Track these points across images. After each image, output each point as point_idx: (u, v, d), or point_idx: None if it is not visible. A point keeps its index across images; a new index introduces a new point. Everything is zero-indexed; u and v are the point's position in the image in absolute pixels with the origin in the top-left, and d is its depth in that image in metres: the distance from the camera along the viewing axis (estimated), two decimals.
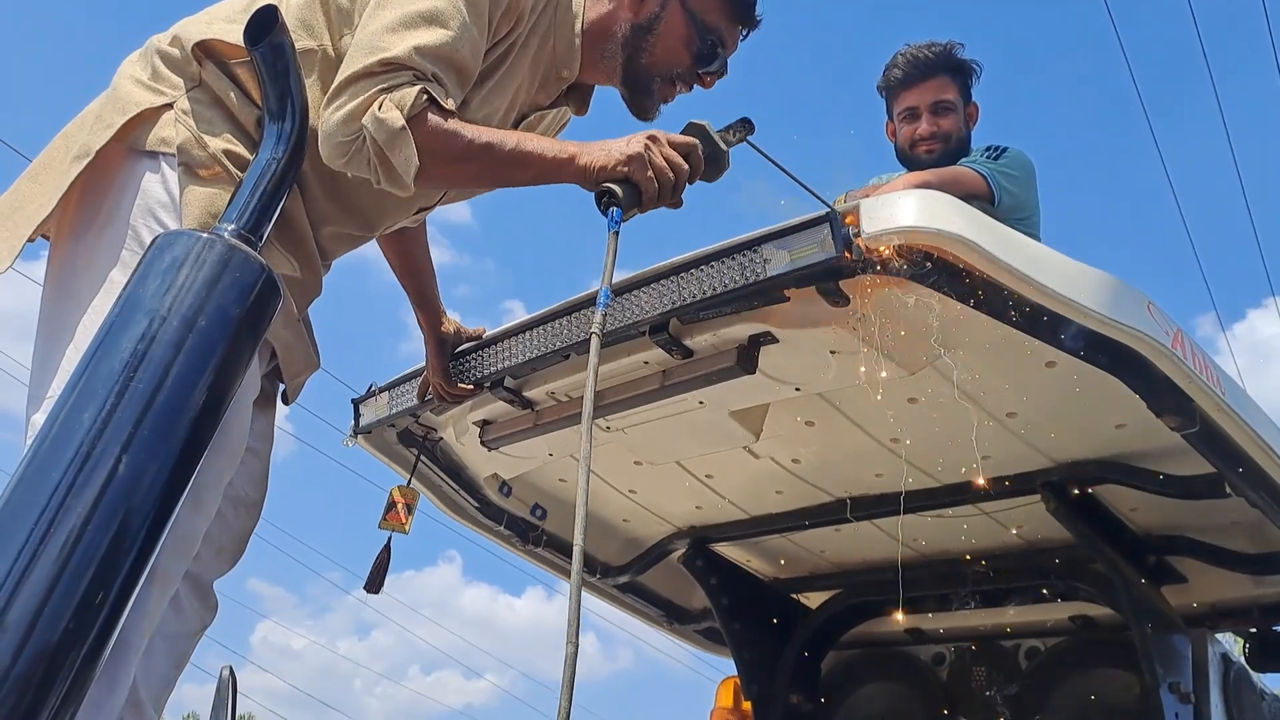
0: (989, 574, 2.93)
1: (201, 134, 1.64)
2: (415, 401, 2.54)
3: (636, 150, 1.67)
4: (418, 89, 1.60)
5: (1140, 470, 2.38)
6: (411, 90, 1.59)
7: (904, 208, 1.73)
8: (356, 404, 2.74)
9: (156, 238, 1.48)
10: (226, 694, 1.87)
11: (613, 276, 1.60)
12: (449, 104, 1.65)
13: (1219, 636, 2.86)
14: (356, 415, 2.74)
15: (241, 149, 1.65)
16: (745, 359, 2.04)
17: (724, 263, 1.88)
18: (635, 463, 2.68)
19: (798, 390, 2.18)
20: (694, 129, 1.77)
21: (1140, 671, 2.66)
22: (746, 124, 1.80)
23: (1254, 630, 3.03)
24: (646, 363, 2.16)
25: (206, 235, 1.47)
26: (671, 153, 1.70)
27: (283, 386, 1.87)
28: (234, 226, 1.51)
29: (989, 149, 2.83)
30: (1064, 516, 2.47)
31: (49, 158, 1.70)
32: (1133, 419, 2.15)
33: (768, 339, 2.02)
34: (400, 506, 2.51)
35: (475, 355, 2.36)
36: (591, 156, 1.68)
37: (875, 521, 2.81)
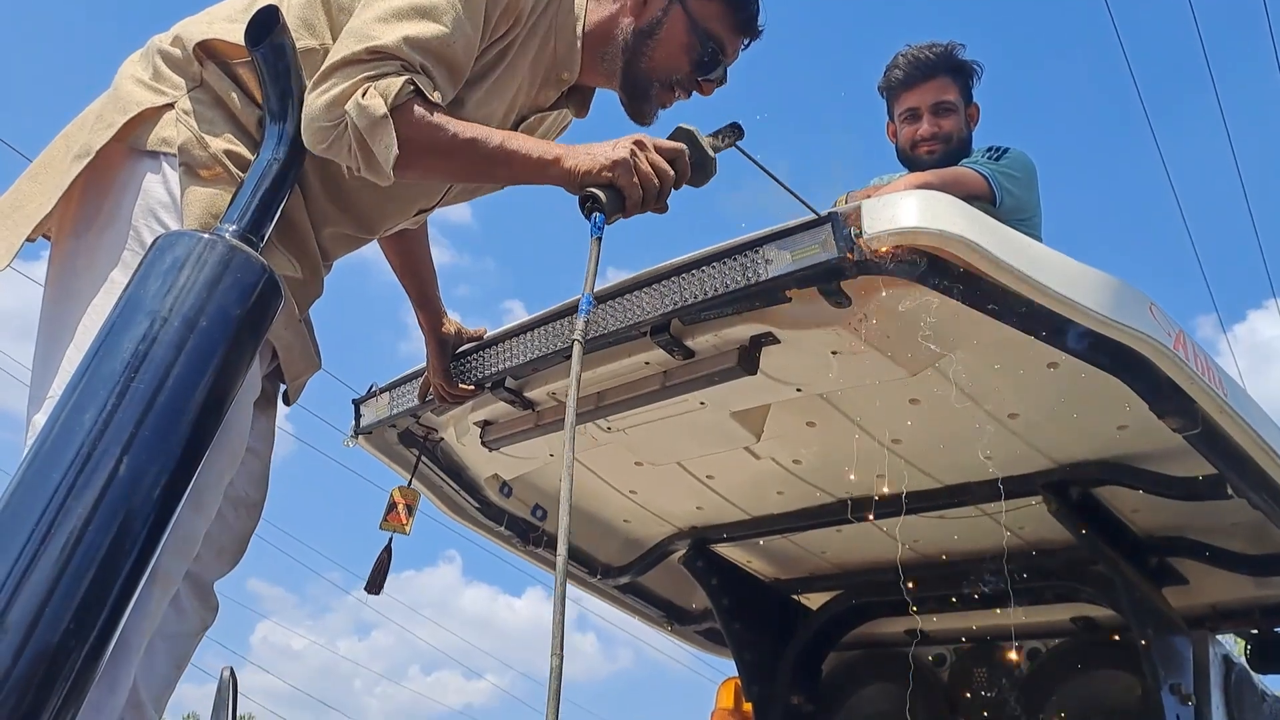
0: (990, 575, 2.93)
1: (203, 134, 1.64)
2: (416, 402, 2.53)
3: (622, 155, 1.65)
4: (404, 79, 1.58)
5: (1142, 471, 2.37)
6: (397, 80, 1.58)
7: (906, 208, 1.73)
8: (357, 404, 2.74)
9: (158, 238, 1.48)
10: (227, 695, 1.87)
11: (595, 283, 1.60)
12: (435, 96, 1.63)
13: (1220, 638, 2.86)
14: (357, 416, 2.73)
15: (243, 149, 1.65)
16: (746, 360, 2.03)
17: (725, 263, 1.88)
18: (636, 463, 2.68)
19: (799, 391, 2.18)
20: (682, 134, 1.75)
21: (1141, 673, 2.66)
22: (736, 129, 1.79)
23: (1255, 631, 3.03)
24: (647, 363, 2.16)
25: (208, 236, 1.47)
26: (658, 158, 1.68)
27: (284, 387, 1.87)
28: (235, 227, 1.51)
29: (990, 150, 2.83)
30: (1065, 518, 2.47)
31: (49, 157, 1.69)
32: (1134, 420, 2.15)
33: (769, 339, 2.01)
34: (401, 507, 2.51)
35: (476, 356, 2.36)
36: (576, 160, 1.66)
37: (876, 522, 2.81)
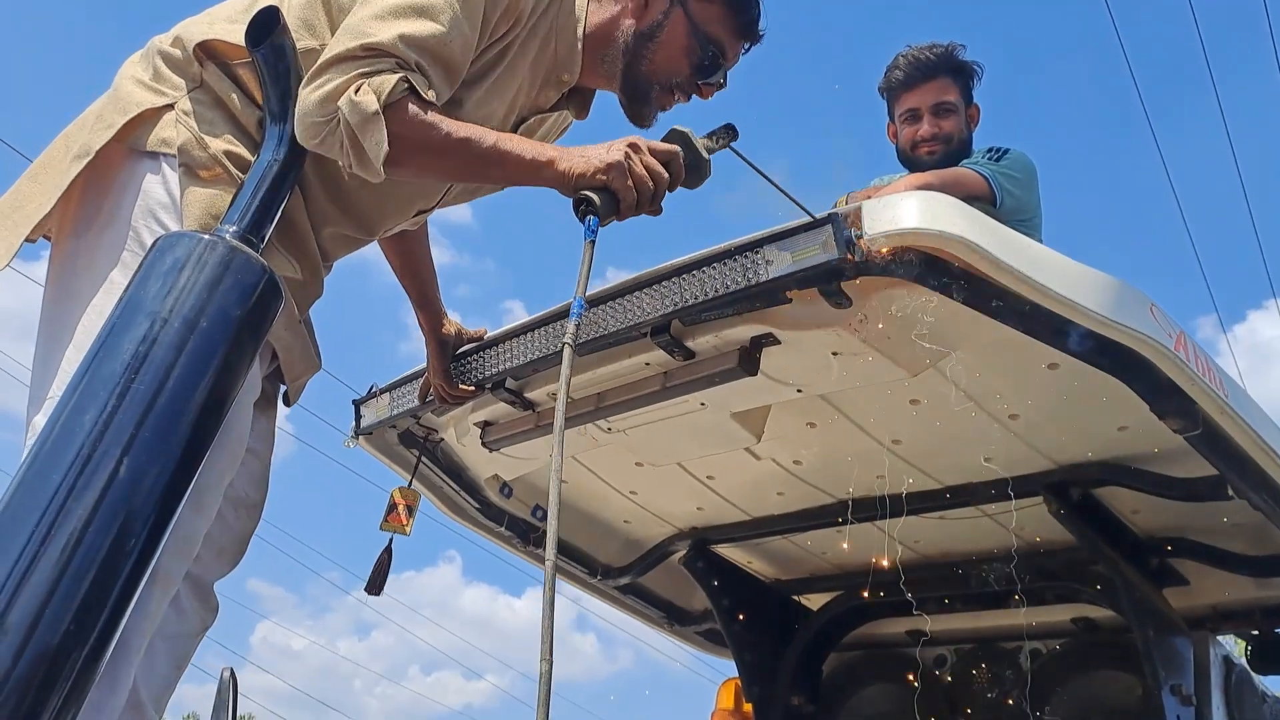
0: (990, 576, 2.93)
1: (202, 135, 1.64)
2: (416, 403, 2.53)
3: (616, 158, 1.65)
4: (398, 77, 1.58)
5: (1142, 472, 2.37)
6: (391, 77, 1.57)
7: (906, 209, 1.72)
8: (357, 405, 2.74)
9: (158, 239, 1.48)
10: (227, 695, 1.86)
11: (587, 286, 1.59)
12: (430, 95, 1.63)
13: (1221, 639, 2.85)
14: (357, 416, 2.73)
15: (243, 150, 1.65)
16: (747, 360, 2.03)
17: (726, 264, 1.88)
18: (636, 464, 2.68)
19: (799, 392, 2.18)
20: (676, 136, 1.75)
21: (1142, 674, 2.66)
22: (730, 130, 1.79)
23: (1256, 632, 3.03)
24: (648, 364, 2.16)
25: (208, 237, 1.47)
26: (652, 161, 1.68)
27: (284, 388, 1.87)
28: (235, 228, 1.51)
29: (990, 150, 2.83)
30: (1066, 518, 2.47)
31: (49, 158, 1.69)
32: (1135, 421, 2.15)
33: (769, 340, 2.01)
34: (401, 508, 2.51)
35: (476, 356, 2.36)
36: (570, 163, 1.66)
37: (877, 523, 2.81)
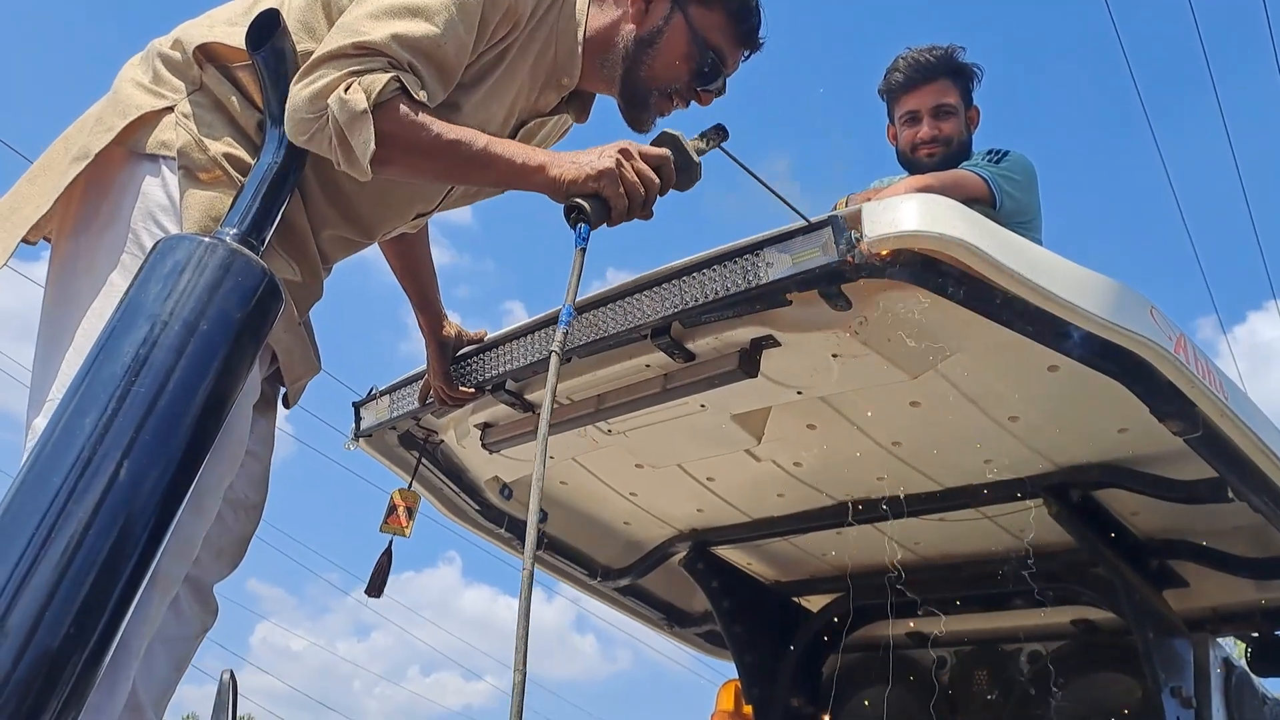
0: (990, 578, 2.93)
1: (202, 137, 1.64)
2: (416, 404, 2.53)
3: (607, 165, 1.64)
4: (389, 76, 1.57)
5: (1142, 474, 2.37)
6: (383, 77, 1.57)
7: (906, 212, 1.72)
8: (357, 407, 2.73)
9: (158, 242, 1.48)
10: (227, 697, 1.86)
11: (576, 293, 1.59)
12: (421, 96, 1.62)
13: (1221, 641, 2.86)
14: (357, 419, 2.73)
15: (242, 153, 1.65)
16: (747, 362, 2.03)
17: (726, 266, 1.88)
18: (636, 465, 2.68)
19: (799, 394, 2.18)
20: (667, 139, 1.74)
21: (1142, 676, 2.66)
22: (720, 130, 1.78)
23: (1256, 634, 3.03)
24: (648, 366, 2.16)
25: (208, 239, 1.47)
26: (643, 166, 1.67)
27: (283, 390, 1.87)
28: (236, 230, 1.51)
29: (990, 152, 2.83)
30: (1066, 520, 2.47)
31: (48, 160, 1.69)
32: (1135, 423, 2.15)
33: (769, 342, 2.01)
34: (401, 510, 2.50)
35: (476, 358, 2.36)
36: (562, 169, 1.65)
37: (877, 525, 2.81)
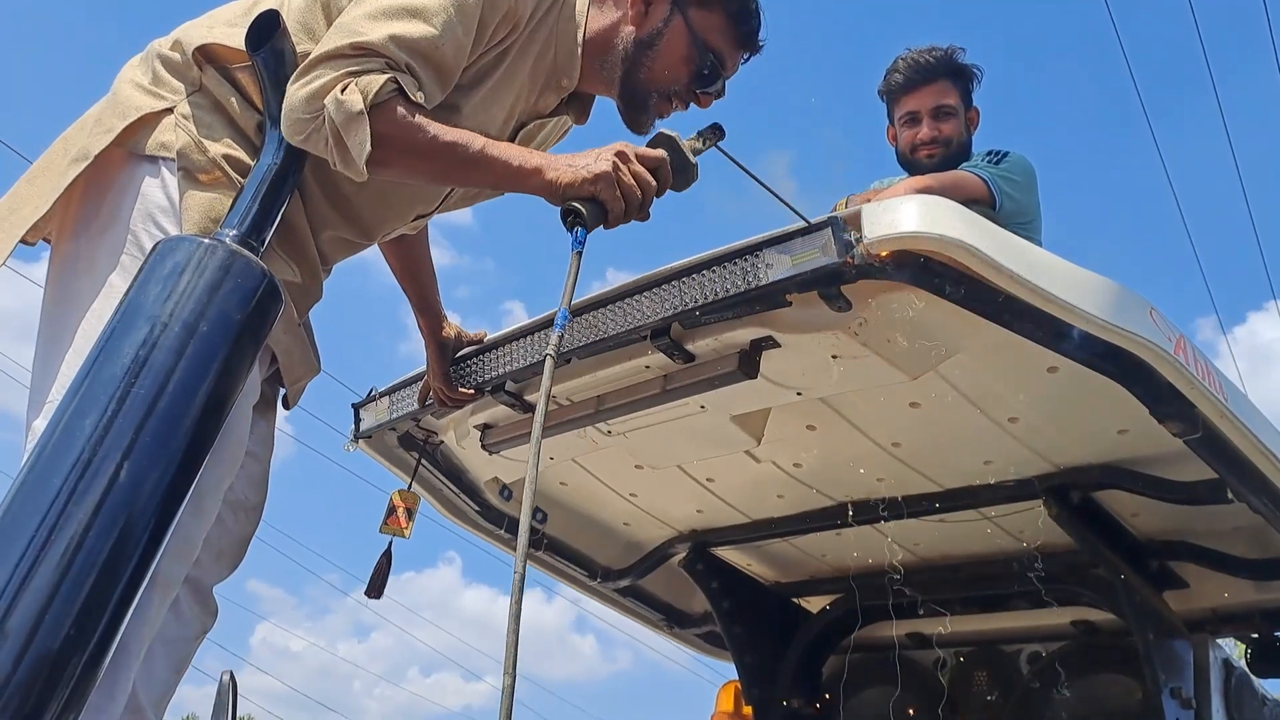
0: (990, 579, 2.93)
1: (202, 139, 1.64)
2: (416, 406, 2.53)
3: (604, 169, 1.63)
4: (386, 77, 1.57)
5: (1142, 475, 2.37)
6: (379, 78, 1.57)
7: (905, 213, 1.73)
8: (357, 409, 2.73)
9: (158, 243, 1.48)
10: (227, 698, 1.86)
11: (572, 297, 1.58)
12: (418, 97, 1.62)
13: (1220, 642, 2.85)
14: (357, 420, 2.73)
15: (242, 154, 1.65)
16: (747, 363, 2.03)
17: (726, 267, 1.88)
18: (636, 466, 2.68)
19: (799, 395, 2.18)
20: (663, 140, 1.74)
21: (1142, 677, 2.66)
22: (717, 130, 1.78)
23: (1255, 635, 3.03)
24: (648, 367, 2.16)
25: (208, 241, 1.47)
26: (640, 169, 1.66)
27: (283, 391, 1.87)
28: (235, 232, 1.51)
29: (990, 154, 2.83)
30: (1065, 521, 2.47)
31: (47, 161, 1.69)
32: (1134, 424, 2.15)
33: (769, 343, 2.01)
34: (401, 511, 2.50)
35: (476, 359, 2.36)
36: (558, 172, 1.64)
37: (876, 526, 2.81)
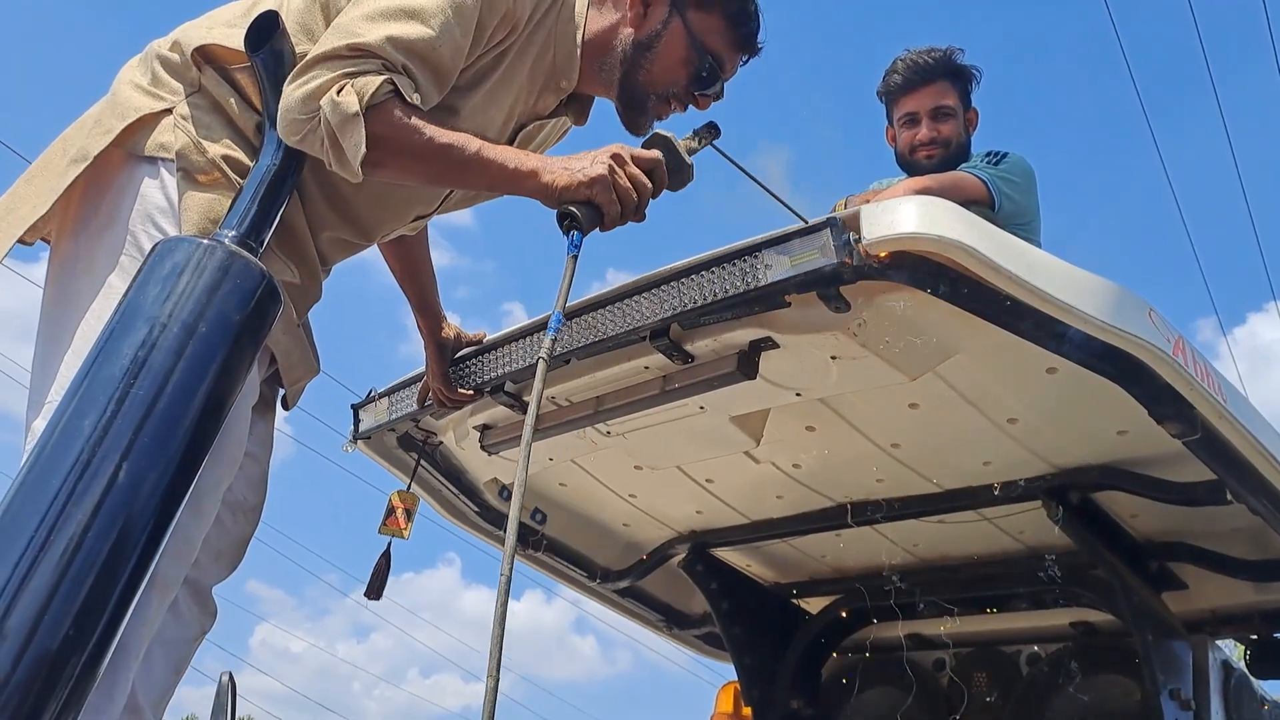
0: (989, 580, 2.93)
1: (201, 139, 1.64)
2: (415, 406, 2.53)
3: (600, 173, 1.63)
4: (382, 79, 1.57)
5: (1141, 476, 2.37)
6: (376, 79, 1.57)
7: (904, 214, 1.72)
8: (356, 409, 2.74)
9: (157, 244, 1.49)
10: (226, 699, 1.86)
11: (567, 300, 1.59)
12: (415, 98, 1.62)
13: (1219, 643, 2.85)
14: (356, 420, 2.73)
15: (241, 155, 1.65)
16: (746, 364, 2.03)
17: (725, 268, 1.88)
18: (635, 467, 2.68)
19: (798, 395, 2.18)
20: (658, 141, 1.74)
21: (1141, 678, 2.66)
22: (712, 128, 1.78)
23: (1255, 637, 3.03)
24: (647, 367, 2.16)
25: (207, 241, 1.47)
26: (636, 171, 1.66)
27: (282, 391, 1.87)
28: (234, 232, 1.52)
29: (989, 154, 2.83)
30: (1065, 522, 2.47)
31: (46, 161, 1.70)
32: (1134, 425, 2.15)
33: (768, 344, 2.01)
34: (400, 512, 2.50)
35: (475, 360, 2.36)
36: (554, 175, 1.64)
37: (876, 527, 2.81)
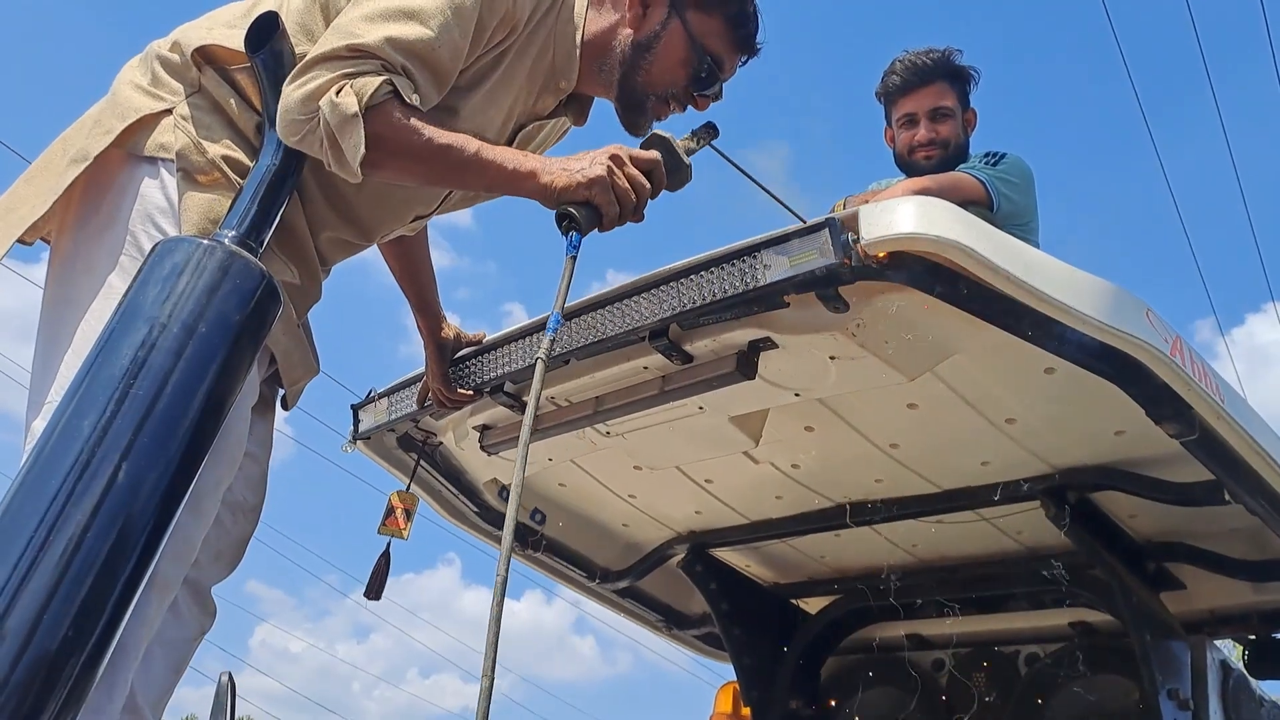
0: (988, 580, 2.93)
1: (201, 140, 1.64)
2: (415, 407, 2.53)
3: (598, 174, 1.63)
4: (381, 79, 1.57)
5: (1139, 477, 2.37)
6: (375, 80, 1.57)
7: (903, 214, 1.73)
8: (356, 409, 2.74)
9: (157, 244, 1.49)
10: (225, 699, 1.86)
11: (565, 301, 1.59)
12: (414, 99, 1.62)
13: (1218, 643, 2.85)
14: (356, 421, 2.73)
15: (241, 155, 1.65)
16: (745, 364, 2.04)
17: (723, 268, 1.88)
18: (635, 467, 2.68)
19: (797, 396, 2.18)
20: (656, 141, 1.74)
21: (1139, 678, 2.66)
22: (710, 129, 1.79)
23: (1253, 637, 3.03)
24: (646, 368, 2.17)
25: (207, 241, 1.47)
26: (634, 172, 1.67)
27: (282, 392, 1.87)
28: (234, 233, 1.52)
29: (987, 155, 2.84)
30: (1063, 523, 2.47)
31: (46, 161, 1.70)
32: (1132, 425, 2.15)
33: (767, 344, 2.02)
34: (399, 512, 2.50)
35: (475, 360, 2.36)
36: (553, 176, 1.64)
37: (875, 527, 2.81)
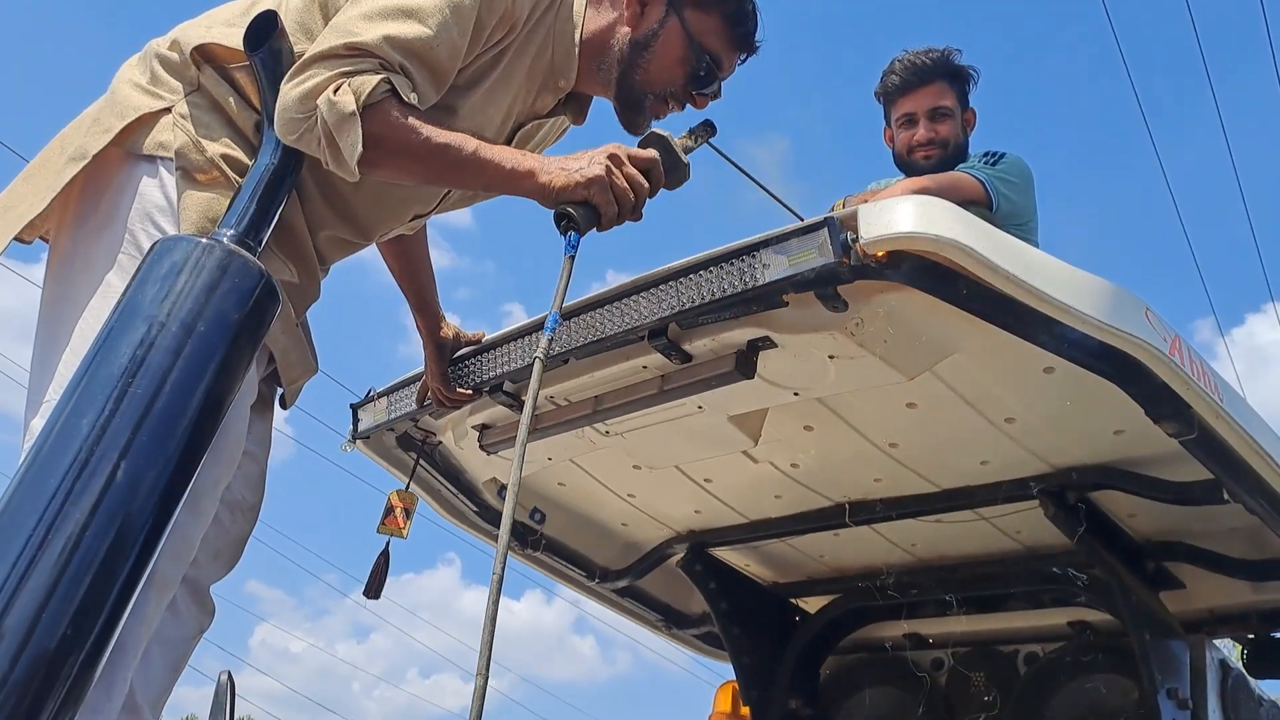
0: (987, 579, 2.93)
1: (200, 138, 1.64)
2: (414, 406, 2.53)
3: (597, 173, 1.63)
4: (379, 78, 1.57)
5: (1138, 476, 2.37)
6: (373, 79, 1.57)
7: (902, 213, 1.73)
8: (355, 409, 2.74)
9: (156, 242, 1.49)
10: (225, 698, 1.86)
11: (563, 300, 1.59)
12: (412, 98, 1.62)
13: (1217, 642, 2.85)
14: (355, 420, 2.73)
15: (240, 154, 1.65)
16: (744, 364, 2.04)
17: (722, 268, 1.88)
18: (634, 467, 2.68)
19: (796, 395, 2.18)
20: (654, 140, 1.74)
21: (1138, 677, 2.66)
22: (708, 127, 1.79)
23: (1252, 636, 3.03)
24: (645, 367, 2.17)
25: (205, 240, 1.47)
26: (633, 172, 1.67)
27: (281, 391, 1.87)
28: (233, 231, 1.52)
29: (987, 155, 2.84)
30: (1062, 522, 2.47)
31: (44, 159, 1.70)
32: (1131, 425, 2.15)
33: (766, 344, 2.02)
34: (399, 511, 2.51)
35: (474, 360, 2.36)
36: (551, 175, 1.64)
37: (874, 526, 2.81)
